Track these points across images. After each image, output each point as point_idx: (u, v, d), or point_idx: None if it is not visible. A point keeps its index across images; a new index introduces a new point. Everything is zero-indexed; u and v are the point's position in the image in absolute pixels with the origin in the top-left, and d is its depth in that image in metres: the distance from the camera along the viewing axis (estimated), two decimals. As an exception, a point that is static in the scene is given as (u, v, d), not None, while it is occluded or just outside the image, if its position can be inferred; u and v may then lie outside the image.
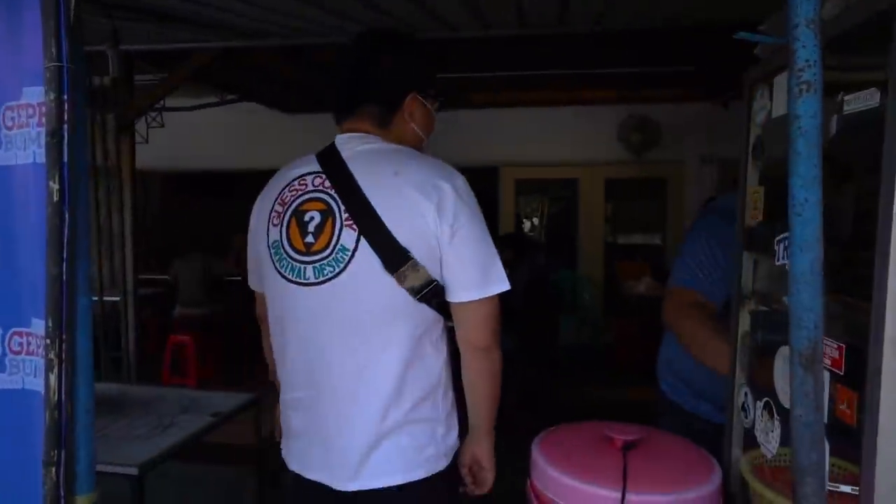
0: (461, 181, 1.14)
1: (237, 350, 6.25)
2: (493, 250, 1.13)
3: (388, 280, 1.08)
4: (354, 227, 1.08)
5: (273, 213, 1.18)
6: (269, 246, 1.18)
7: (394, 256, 1.07)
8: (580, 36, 4.02)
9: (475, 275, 1.10)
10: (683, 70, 5.15)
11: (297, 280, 1.13)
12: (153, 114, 4.13)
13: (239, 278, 6.37)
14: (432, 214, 1.07)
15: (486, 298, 1.12)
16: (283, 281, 1.15)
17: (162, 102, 3.96)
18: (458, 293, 1.11)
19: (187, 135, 7.29)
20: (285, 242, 1.15)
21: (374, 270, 1.08)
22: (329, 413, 1.15)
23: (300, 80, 4.93)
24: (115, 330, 4.05)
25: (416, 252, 1.08)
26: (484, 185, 12.25)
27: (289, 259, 1.14)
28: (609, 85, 5.84)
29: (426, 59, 1.26)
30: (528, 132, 6.86)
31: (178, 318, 5.72)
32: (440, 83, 1.26)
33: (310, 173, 1.18)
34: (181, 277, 5.75)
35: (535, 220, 7.72)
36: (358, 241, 1.08)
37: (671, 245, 6.87)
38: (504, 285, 1.12)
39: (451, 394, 1.23)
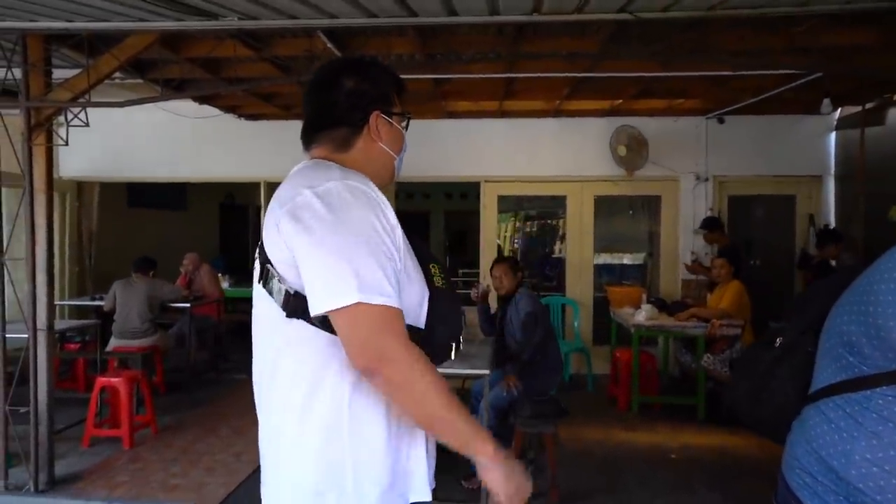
0: (334, 186, 1.04)
1: (188, 389, 5.53)
2: (349, 257, 1.00)
3: (266, 294, 1.09)
4: (257, 245, 1.13)
5: None
6: None
7: (262, 268, 1.09)
8: (575, 33, 3.55)
9: (319, 285, 1.00)
10: (680, 80, 4.73)
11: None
12: (76, 110, 3.41)
13: (189, 304, 5.66)
14: (285, 224, 1.04)
15: (336, 314, 0.99)
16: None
17: (87, 97, 3.26)
18: (310, 308, 1.01)
19: (130, 141, 6.57)
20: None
21: (258, 286, 1.11)
22: (260, 431, 1.18)
23: (259, 78, 4.26)
24: (22, 375, 3.28)
25: (278, 265, 1.06)
26: (466, 200, 11.95)
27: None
28: (601, 94, 5.38)
29: (388, 78, 1.24)
30: (513, 144, 6.36)
31: (112, 354, 4.93)
32: (406, 100, 1.26)
33: None
34: (120, 303, 4.96)
35: (517, 241, 7.23)
36: (256, 258, 1.13)
37: (666, 266, 6.43)
38: (348, 298, 0.97)
39: (375, 436, 1.07)
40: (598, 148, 6.22)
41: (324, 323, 1.02)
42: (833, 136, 6.22)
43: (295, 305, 1.03)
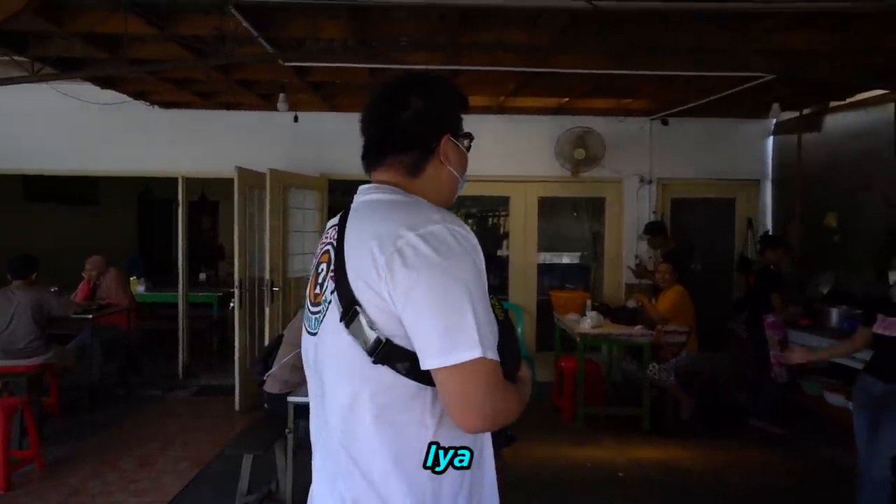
0: (438, 229, 0.98)
1: (90, 410, 4.87)
2: (464, 309, 0.94)
3: (349, 336, 1.00)
4: (334, 278, 1.05)
5: (312, 267, 1.18)
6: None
7: (348, 310, 1.00)
8: (525, 24, 3.24)
9: (430, 338, 0.94)
10: (631, 80, 4.55)
11: (309, 331, 1.13)
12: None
13: (91, 316, 4.99)
14: (384, 268, 0.96)
15: (453, 369, 0.94)
16: (305, 332, 1.16)
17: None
18: (420, 360, 0.96)
19: (23, 129, 5.79)
20: (307, 296, 1.16)
21: (338, 324, 1.02)
22: (317, 475, 1.14)
23: (168, 58, 3.71)
24: None
25: (369, 308, 0.98)
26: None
27: (308, 311, 1.15)
28: (548, 92, 5.13)
29: (457, 98, 1.20)
30: (455, 142, 6.02)
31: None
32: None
33: (332, 226, 1.14)
34: None
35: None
36: (332, 293, 1.04)
37: (610, 270, 6.30)
38: (472, 352, 0.93)
39: (451, 486, 1.03)
40: (542, 147, 5.99)
41: (410, 372, 0.99)
42: (771, 140, 6.27)
43: (385, 353, 0.98)
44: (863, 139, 5.11)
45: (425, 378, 0.98)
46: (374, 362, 0.98)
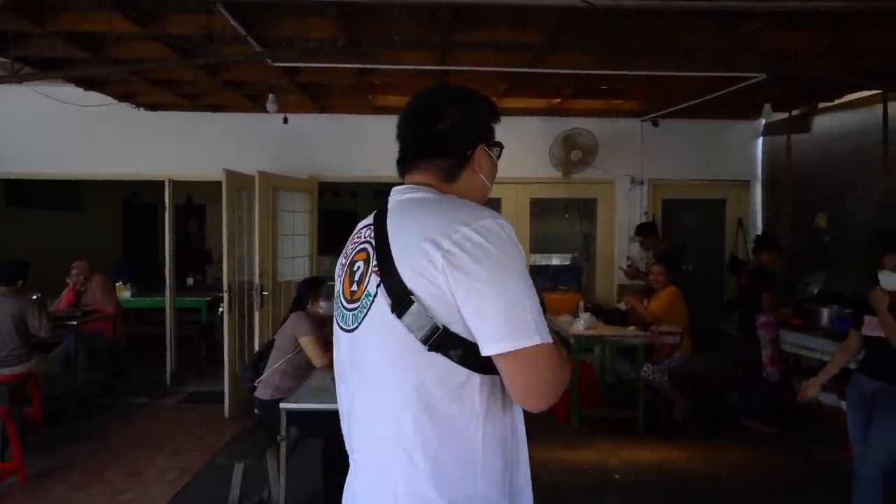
0: (490, 223, 1.04)
1: (75, 419, 4.75)
2: (524, 299, 1.01)
3: (399, 326, 1.03)
4: (378, 273, 1.08)
5: (340, 267, 1.23)
6: (335, 298, 1.22)
7: (399, 301, 1.03)
8: (516, 22, 3.21)
9: (497, 326, 1.00)
10: (621, 80, 4.54)
11: (344, 327, 1.16)
12: None
13: (75, 323, 4.88)
14: (440, 261, 1.00)
15: (517, 353, 1.00)
16: (338, 328, 1.19)
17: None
18: (483, 346, 1.01)
19: (4, 130, 5.66)
20: (340, 293, 1.19)
21: (386, 316, 1.05)
22: (361, 471, 1.14)
23: (153, 58, 3.63)
24: None
25: (424, 298, 1.02)
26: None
27: (342, 307, 1.17)
28: (539, 92, 5.11)
29: (491, 109, 1.24)
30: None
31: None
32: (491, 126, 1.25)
33: (366, 226, 1.18)
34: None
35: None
36: (378, 287, 1.07)
37: (602, 271, 6.29)
38: (535, 338, 1.00)
39: (505, 470, 1.09)
40: (534, 149, 5.97)
41: (462, 359, 1.02)
42: (760, 141, 6.30)
43: (441, 340, 1.02)
44: (851, 140, 5.14)
45: (475, 365, 1.03)
46: (430, 349, 1.01)
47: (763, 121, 6.13)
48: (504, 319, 0.99)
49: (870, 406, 3.02)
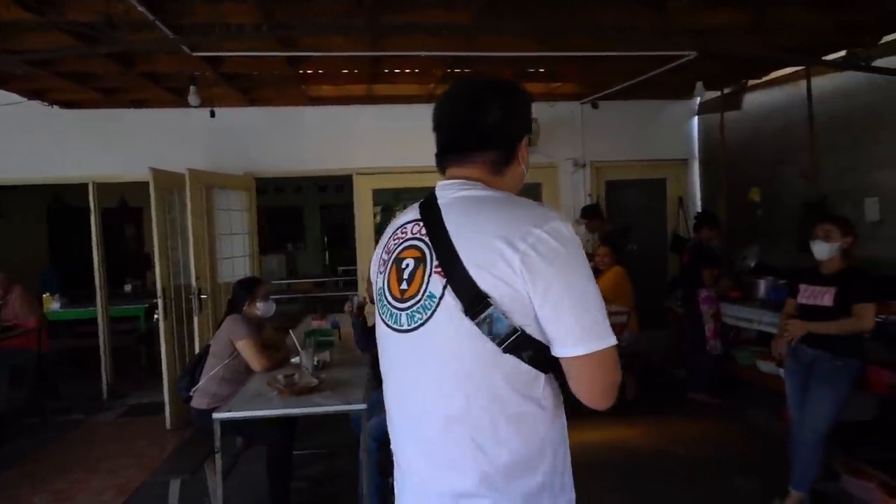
0: (558, 225, 1.05)
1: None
2: (597, 301, 1.05)
3: (472, 328, 1.04)
4: (442, 274, 1.07)
5: (380, 262, 1.21)
6: (377, 294, 1.20)
7: (475, 304, 1.03)
8: (445, 3, 3.11)
9: (573, 329, 1.03)
10: (556, 63, 4.52)
11: (395, 327, 1.14)
12: None
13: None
14: (517, 264, 1.01)
15: (591, 355, 1.03)
16: (386, 328, 1.17)
17: None
18: (557, 347, 1.04)
19: None
20: (386, 290, 1.17)
21: (457, 318, 1.05)
22: (421, 467, 1.15)
23: (43, 50, 3.34)
24: None
25: (500, 300, 1.02)
26: (339, 195, 11.17)
27: (389, 306, 1.15)
28: (477, 76, 5.04)
29: (529, 100, 1.24)
30: (386, 133, 5.85)
31: None
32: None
33: (410, 221, 1.17)
34: None
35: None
36: (444, 288, 1.06)
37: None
38: (611, 340, 1.05)
39: (563, 461, 1.15)
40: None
41: (532, 360, 1.05)
42: (696, 120, 6.44)
43: (517, 342, 1.03)
44: (780, 116, 5.31)
45: (544, 365, 1.06)
46: (504, 351, 1.03)
47: (698, 99, 6.26)
48: (580, 322, 1.02)
49: (807, 374, 3.12)
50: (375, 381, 3.54)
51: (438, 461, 1.10)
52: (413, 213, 1.18)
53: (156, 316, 5.23)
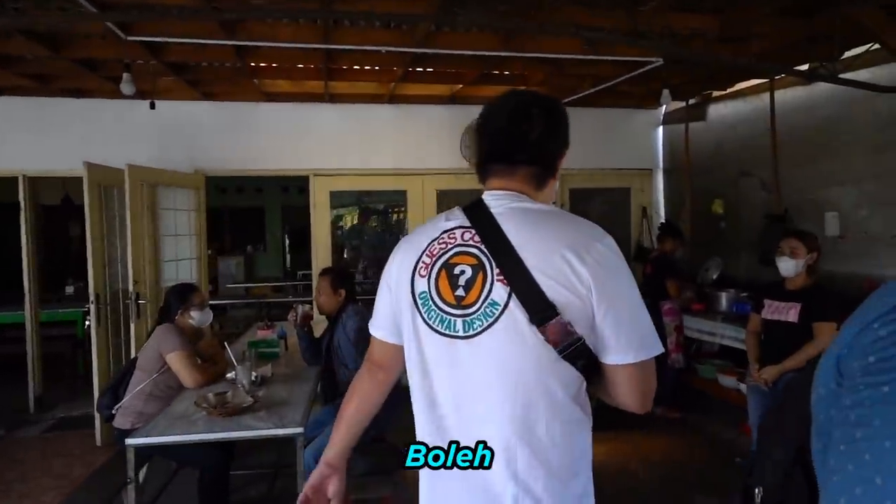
0: (612, 242, 1.15)
1: None
2: (644, 310, 1.13)
3: (536, 336, 1.09)
4: (506, 282, 1.10)
5: (420, 265, 1.20)
6: (415, 297, 1.20)
7: (541, 312, 1.08)
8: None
9: (631, 338, 1.10)
10: (520, 65, 4.38)
11: (447, 332, 1.15)
12: None
13: None
14: (585, 276, 1.08)
15: (642, 363, 1.11)
16: (431, 331, 1.17)
17: None
18: (612, 356, 1.10)
19: None
20: (434, 294, 1.17)
21: (521, 326, 1.09)
22: (467, 475, 1.16)
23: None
24: None
25: (565, 309, 1.08)
26: (296, 196, 10.83)
27: (438, 311, 1.16)
28: (439, 78, 4.86)
29: (568, 117, 1.28)
30: (344, 134, 5.61)
31: None
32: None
33: (459, 227, 1.20)
34: None
35: (355, 243, 6.50)
36: (509, 297, 1.10)
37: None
38: (658, 349, 1.13)
39: (590, 471, 1.22)
40: (439, 138, 5.72)
41: (584, 367, 1.10)
42: (661, 130, 6.40)
43: (577, 351, 1.08)
44: (742, 127, 5.29)
45: (591, 372, 1.11)
46: (563, 358, 1.08)
47: (663, 109, 6.23)
48: (636, 332, 1.10)
49: (773, 394, 3.03)
50: (324, 396, 3.29)
51: (498, 463, 1.12)
52: (457, 219, 1.20)
53: (87, 322, 4.86)
